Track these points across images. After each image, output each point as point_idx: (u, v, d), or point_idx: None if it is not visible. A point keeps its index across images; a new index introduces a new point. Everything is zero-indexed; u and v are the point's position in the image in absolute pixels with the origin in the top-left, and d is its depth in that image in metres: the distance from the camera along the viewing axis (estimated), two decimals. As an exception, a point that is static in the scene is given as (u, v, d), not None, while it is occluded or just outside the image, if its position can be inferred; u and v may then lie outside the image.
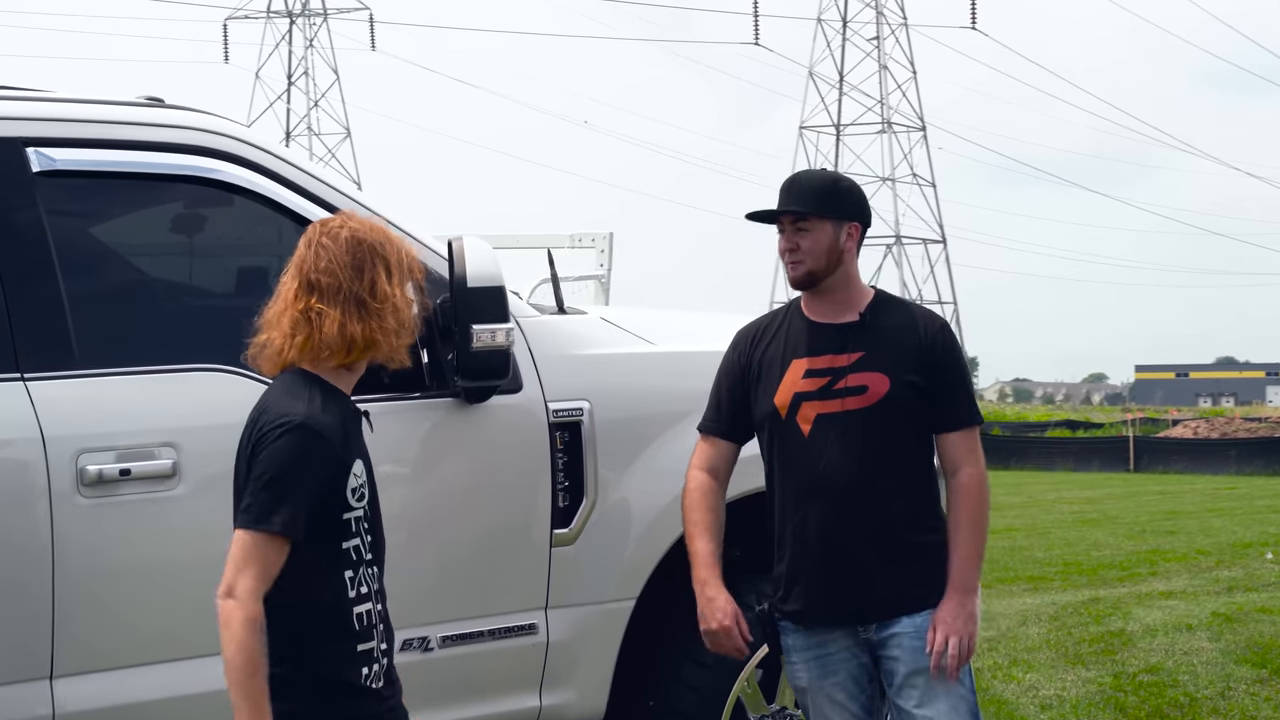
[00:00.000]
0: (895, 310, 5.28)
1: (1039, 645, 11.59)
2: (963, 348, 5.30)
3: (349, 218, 4.49)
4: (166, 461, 5.05)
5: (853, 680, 5.24)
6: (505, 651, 5.71)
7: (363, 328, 4.33)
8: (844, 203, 5.23)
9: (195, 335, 5.43)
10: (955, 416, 5.19)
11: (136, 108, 5.40)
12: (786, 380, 5.22)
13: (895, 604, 5.13)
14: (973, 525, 5.14)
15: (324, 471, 4.21)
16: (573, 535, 5.81)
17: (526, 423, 5.73)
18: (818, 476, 5.13)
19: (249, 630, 4.08)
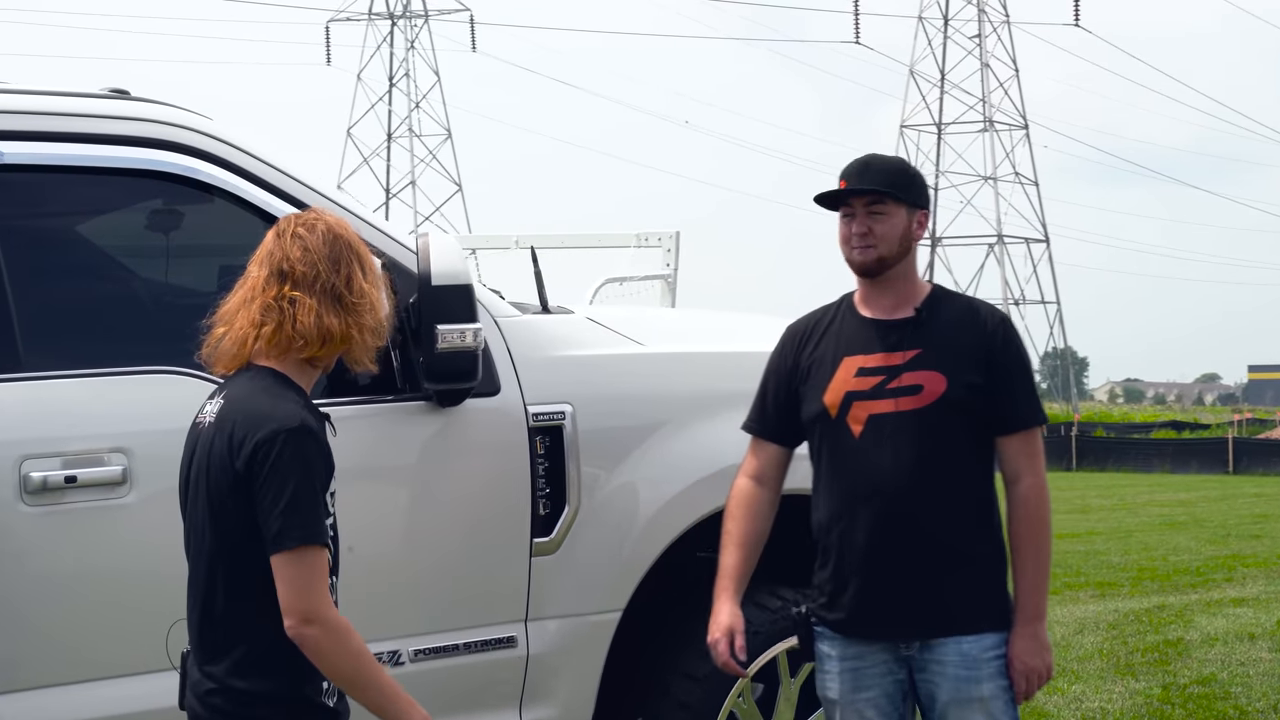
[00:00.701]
0: (953, 305, 5.04)
1: (1091, 655, 11.30)
2: (1067, 346, 4.98)
3: (322, 214, 4.34)
4: (116, 468, 4.85)
5: (886, 697, 5.00)
6: (482, 666, 5.48)
7: (339, 321, 4.17)
8: (917, 188, 5.02)
9: (150, 336, 5.24)
10: (1017, 417, 4.95)
11: (93, 99, 5.21)
12: (837, 378, 4.98)
13: (942, 623, 4.90)
14: (1036, 547, 4.91)
15: (325, 474, 4.06)
16: (554, 544, 5.57)
17: (504, 427, 5.50)
18: (868, 480, 4.89)
19: (350, 638, 4.00)
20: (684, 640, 5.94)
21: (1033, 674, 4.88)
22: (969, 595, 4.90)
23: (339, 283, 4.19)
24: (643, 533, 5.76)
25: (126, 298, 5.32)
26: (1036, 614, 4.90)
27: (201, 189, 5.20)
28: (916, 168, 5.15)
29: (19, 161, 4.99)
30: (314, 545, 3.98)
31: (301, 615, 3.96)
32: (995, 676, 4.89)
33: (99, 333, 5.14)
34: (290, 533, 3.96)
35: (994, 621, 4.91)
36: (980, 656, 4.88)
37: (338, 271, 4.20)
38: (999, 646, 4.90)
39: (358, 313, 4.20)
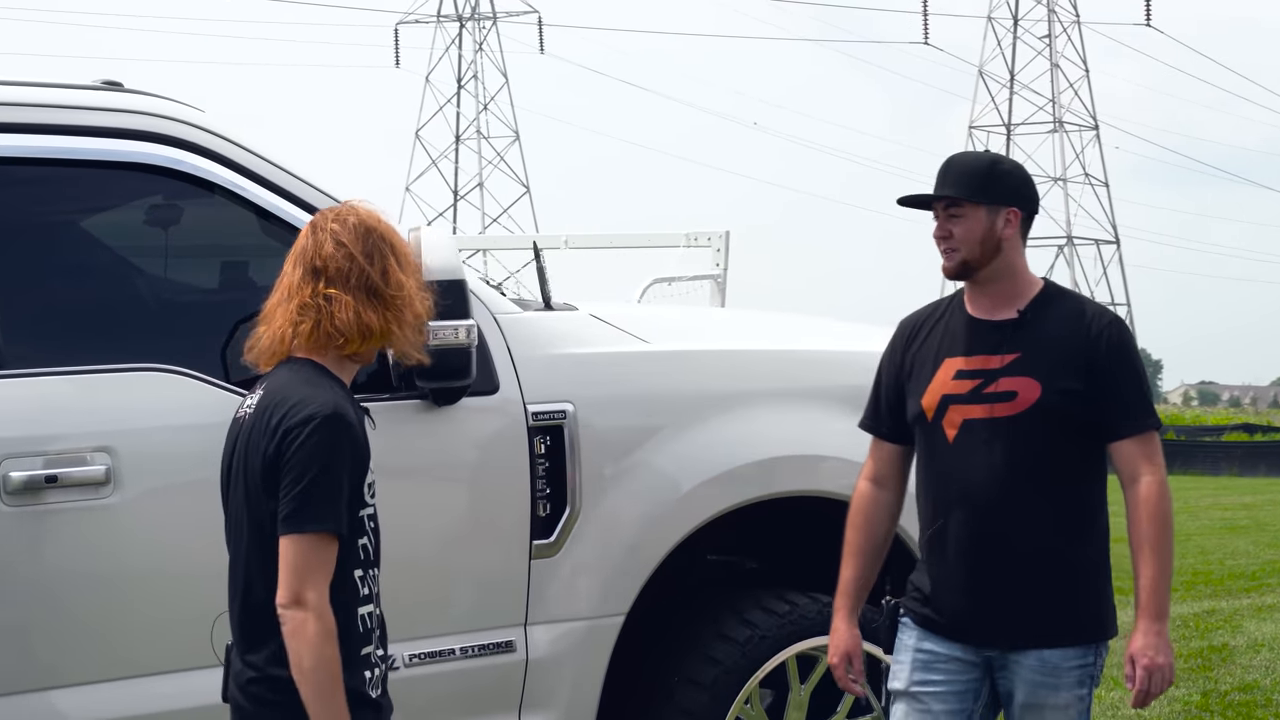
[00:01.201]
0: (1061, 306, 4.88)
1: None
2: (1139, 349, 4.85)
3: (355, 207, 4.29)
4: (99, 468, 4.75)
5: (955, 695, 4.89)
6: (480, 670, 5.36)
7: (378, 316, 4.14)
8: (1001, 186, 4.85)
9: (139, 333, 5.12)
10: (1127, 422, 4.78)
11: (82, 91, 5.12)
12: (937, 380, 4.88)
13: (1026, 635, 4.78)
14: (1157, 544, 4.73)
15: (356, 464, 4.05)
16: (554, 547, 5.45)
17: (502, 426, 5.38)
18: (958, 487, 4.79)
19: (327, 641, 3.94)
20: (689, 645, 5.84)
21: (1155, 670, 4.70)
22: (1057, 607, 4.78)
23: (374, 276, 4.16)
24: (647, 535, 5.64)
25: (114, 293, 5.20)
26: (1159, 612, 4.74)
27: (193, 183, 5.10)
28: (1013, 162, 4.95)
29: (6, 154, 4.90)
30: (322, 533, 3.96)
31: (293, 595, 3.93)
32: (1074, 686, 4.80)
33: (84, 329, 5.04)
34: (300, 515, 3.95)
35: (1082, 633, 4.82)
36: (1061, 665, 4.78)
37: (372, 264, 4.17)
38: (1083, 657, 4.81)
39: (396, 307, 4.18)
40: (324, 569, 3.97)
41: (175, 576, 4.90)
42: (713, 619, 5.86)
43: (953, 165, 4.89)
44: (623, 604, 5.60)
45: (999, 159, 4.95)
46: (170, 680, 4.91)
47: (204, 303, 5.45)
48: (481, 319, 5.34)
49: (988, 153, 5.03)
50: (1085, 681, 4.83)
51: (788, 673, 5.90)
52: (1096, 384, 4.76)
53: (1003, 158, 4.97)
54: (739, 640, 5.77)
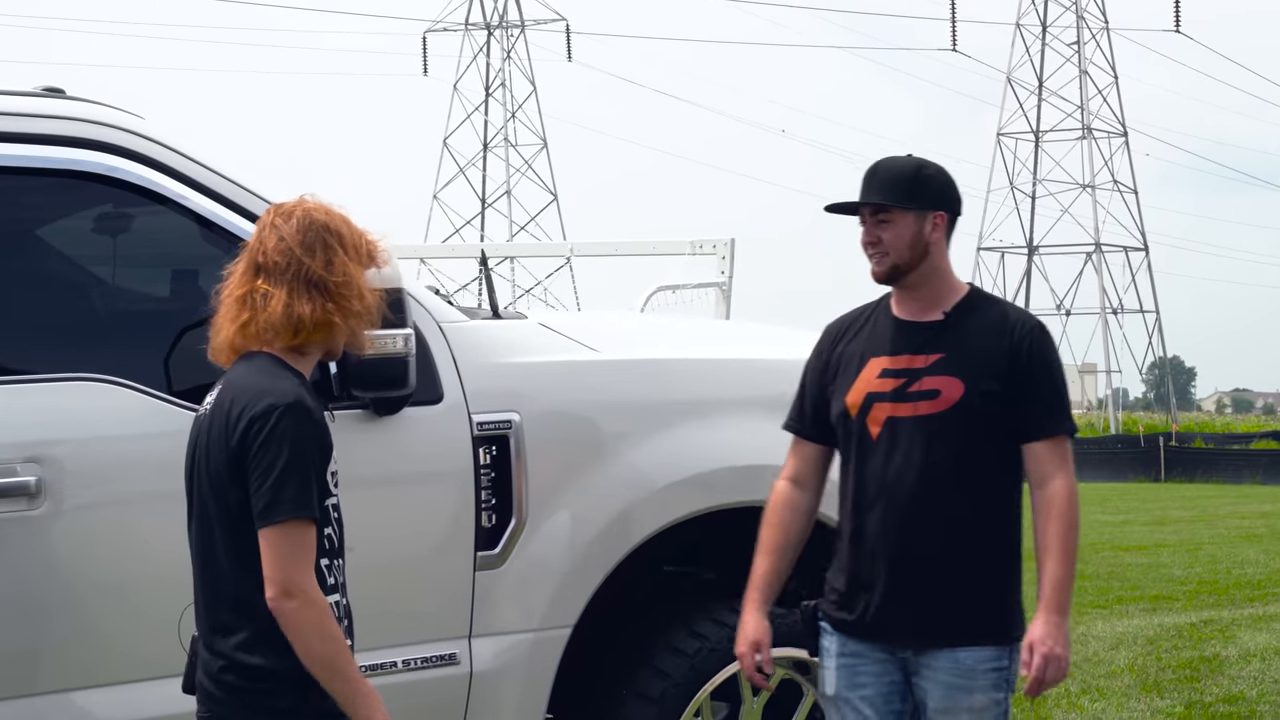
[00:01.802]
0: (985, 310, 4.94)
1: (1121, 671, 10.99)
2: (1164, 354, 4.86)
3: (305, 201, 4.31)
4: (28, 479, 4.70)
5: (882, 697, 4.92)
6: (423, 683, 5.30)
7: (312, 308, 4.15)
8: (927, 191, 4.90)
9: (72, 342, 5.06)
10: (1041, 425, 4.83)
11: (19, 98, 5.07)
12: (861, 379, 4.92)
13: (940, 634, 4.81)
14: (1063, 546, 4.77)
15: (321, 452, 4.10)
16: (499, 558, 5.38)
17: (446, 435, 5.32)
18: (879, 484, 4.83)
19: (327, 620, 4.03)
20: (638, 658, 5.78)
21: (1051, 660, 4.70)
22: (971, 607, 4.82)
23: (315, 268, 4.17)
24: (594, 547, 5.58)
25: (48, 302, 5.14)
26: (1061, 607, 4.76)
27: (131, 190, 5.05)
28: (937, 166, 4.98)
29: None
30: (300, 520, 4.00)
31: (281, 587, 3.97)
32: (989, 689, 4.80)
33: (16, 337, 4.98)
34: (277, 506, 3.98)
35: (996, 635, 4.83)
36: (976, 667, 4.79)
37: (313, 256, 4.18)
38: (997, 660, 4.80)
39: (341, 296, 4.18)
40: (307, 555, 4.02)
41: (107, 587, 4.85)
42: (662, 631, 5.80)
43: (879, 171, 4.93)
44: (569, 616, 5.54)
45: (924, 163, 4.97)
46: (102, 694, 4.86)
47: (140, 311, 5.40)
48: (426, 328, 5.30)
49: (911, 157, 5.02)
50: (1001, 685, 4.82)
51: (740, 686, 5.84)
52: (1016, 386, 4.80)
53: (927, 162, 4.99)
54: (688, 653, 5.72)
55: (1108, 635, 12.60)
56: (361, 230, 4.33)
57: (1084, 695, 10.14)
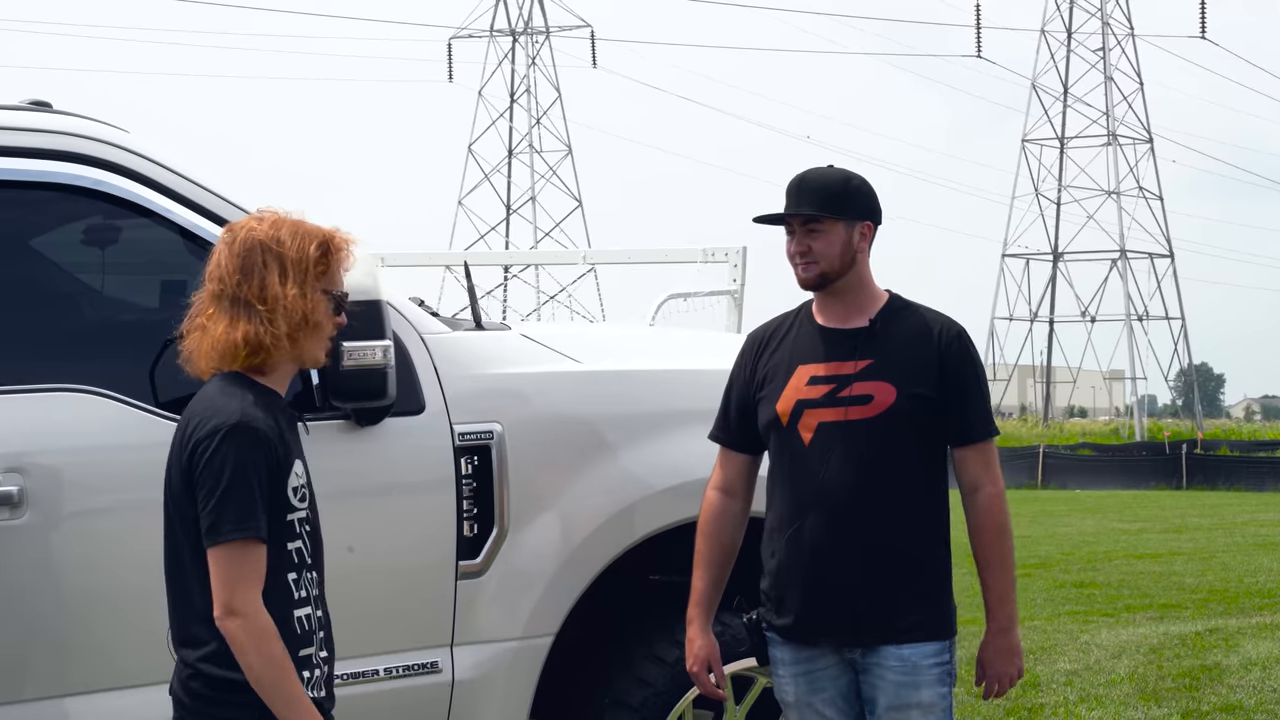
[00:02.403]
0: (909, 316, 5.06)
1: (1121, 680, 10.99)
2: (1190, 361, 5.01)
3: (259, 219, 4.34)
4: (11, 489, 4.74)
5: (842, 697, 5.06)
6: (404, 692, 5.34)
7: (247, 331, 4.20)
8: (856, 202, 5.03)
9: (53, 353, 5.09)
10: (970, 430, 4.99)
11: (4, 112, 5.13)
12: (790, 386, 5.02)
13: (882, 631, 4.93)
14: (1000, 556, 4.98)
15: (270, 470, 4.14)
16: (481, 567, 5.43)
17: (427, 446, 5.37)
18: (814, 488, 4.93)
19: (268, 639, 4.06)
20: (619, 666, 5.82)
21: (1003, 678, 5.01)
22: (910, 604, 4.94)
23: (249, 293, 4.22)
24: (576, 556, 5.62)
25: (32, 313, 5.18)
26: (1008, 622, 4.98)
27: (115, 203, 5.10)
28: (861, 178, 5.10)
29: None
30: (242, 540, 4.05)
31: (224, 606, 4.04)
32: (934, 684, 4.94)
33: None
34: (219, 527, 4.05)
35: (935, 630, 4.97)
36: (920, 663, 4.92)
37: (249, 281, 4.23)
38: (941, 654, 4.96)
39: (271, 320, 4.21)
40: (252, 574, 4.07)
41: (90, 595, 4.89)
42: (644, 640, 5.84)
43: (808, 182, 5.03)
44: (551, 625, 5.58)
45: (850, 175, 5.09)
46: (86, 701, 4.90)
47: (124, 323, 5.43)
48: (408, 339, 5.35)
49: (834, 168, 5.13)
50: (945, 680, 4.97)
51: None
52: (944, 391, 4.94)
53: (852, 173, 5.10)
54: (668, 661, 5.74)
55: (1111, 644, 12.62)
56: (317, 236, 4.34)
57: (1081, 704, 10.16)
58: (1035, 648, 12.46)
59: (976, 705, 10.10)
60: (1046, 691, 10.62)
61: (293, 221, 4.34)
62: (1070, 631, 13.38)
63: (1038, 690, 10.67)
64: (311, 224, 4.37)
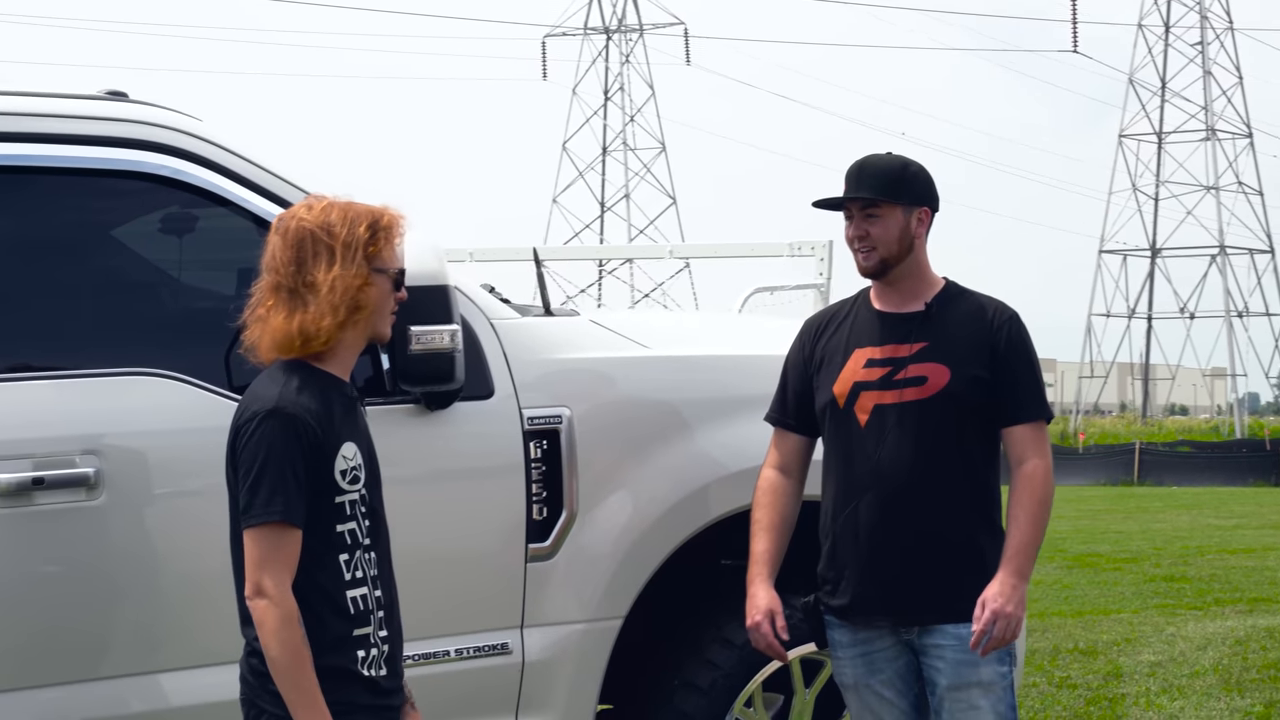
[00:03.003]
0: (963, 301, 5.15)
1: (1205, 671, 10.94)
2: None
3: (308, 206, 4.40)
4: (87, 470, 4.83)
5: (900, 678, 5.13)
6: (475, 672, 5.41)
7: (300, 321, 4.27)
8: (914, 187, 5.11)
9: (131, 338, 5.19)
10: (1021, 410, 5.05)
11: (76, 100, 5.21)
12: (847, 369, 5.13)
13: (937, 610, 5.00)
14: (1033, 513, 4.97)
15: (309, 453, 4.18)
16: (550, 550, 5.49)
17: (497, 430, 5.43)
18: (870, 469, 5.03)
19: (288, 625, 4.11)
20: (689, 648, 5.86)
21: (1001, 615, 4.87)
22: (966, 583, 4.97)
23: (301, 284, 4.28)
24: (644, 539, 5.67)
25: (109, 300, 5.28)
26: (1020, 570, 4.94)
27: (190, 191, 5.19)
28: (919, 164, 5.17)
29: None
30: (272, 523, 4.12)
31: (253, 586, 4.13)
32: (994, 662, 4.99)
33: (77, 335, 5.13)
34: (251, 509, 4.14)
35: None
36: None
37: (300, 272, 4.29)
38: None
39: (325, 308, 4.26)
40: (281, 558, 4.14)
41: (165, 576, 4.98)
42: (713, 623, 5.88)
43: (866, 168, 5.10)
44: (620, 607, 5.63)
45: (908, 161, 5.15)
46: (161, 679, 4.99)
47: (199, 309, 5.52)
48: (477, 324, 5.42)
49: (893, 155, 5.19)
50: (1005, 659, 5.00)
51: (792, 677, 5.91)
52: (997, 373, 5.00)
53: (910, 160, 5.17)
54: (737, 644, 5.78)
55: (1197, 636, 12.55)
56: (367, 217, 4.38)
57: (1164, 694, 10.12)
58: (1119, 639, 12.44)
59: (1057, 695, 10.11)
60: (1129, 682, 10.59)
61: (341, 204, 4.39)
62: (1156, 624, 13.32)
63: (1120, 681, 10.65)
64: (361, 204, 4.42)
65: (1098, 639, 12.39)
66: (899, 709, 5.13)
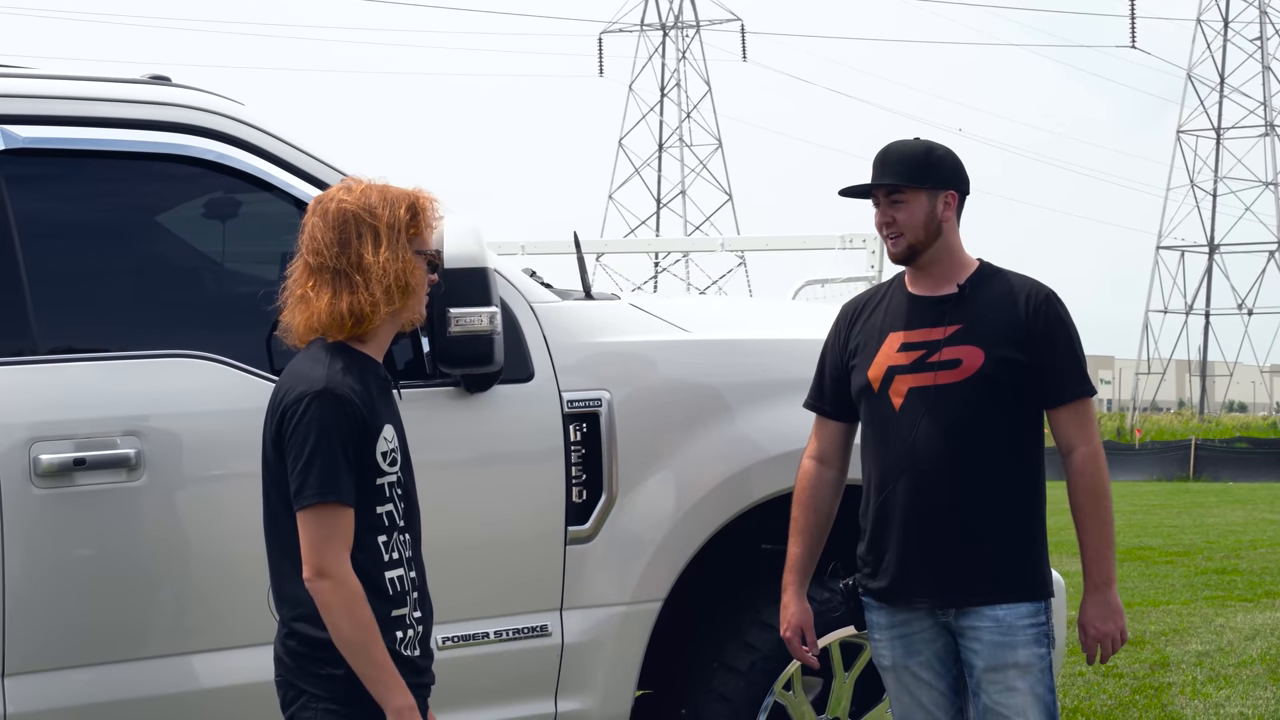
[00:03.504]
0: (998, 281, 5.12)
1: (1252, 661, 10.89)
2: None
3: (346, 188, 4.43)
4: (128, 451, 4.87)
5: (938, 659, 5.13)
6: (515, 654, 5.45)
7: (350, 301, 4.29)
8: (939, 171, 5.09)
9: (173, 321, 5.24)
10: (1062, 390, 5.02)
11: (119, 84, 5.26)
12: (882, 353, 5.11)
13: (975, 592, 4.99)
14: (1096, 514, 5.01)
15: (353, 435, 4.21)
16: (590, 532, 5.52)
17: (536, 413, 5.46)
18: (906, 452, 5.01)
19: (358, 603, 4.15)
20: (728, 632, 5.88)
21: (1105, 639, 5.00)
22: (1003, 565, 5.00)
23: (348, 265, 4.31)
24: (684, 522, 5.69)
25: (150, 282, 5.32)
26: (1105, 580, 5.01)
27: (231, 175, 5.23)
28: (945, 147, 5.17)
29: (37, 145, 5.05)
30: (329, 503, 4.15)
31: (315, 568, 4.15)
32: (1031, 644, 4.99)
33: (118, 316, 5.19)
34: (305, 490, 4.16)
35: (1029, 591, 5.01)
36: (1015, 624, 4.97)
37: (346, 253, 4.32)
38: (1036, 615, 5.00)
39: (371, 289, 4.29)
40: (340, 537, 4.17)
41: (203, 557, 5.02)
42: (753, 606, 5.89)
43: (890, 154, 5.10)
44: (659, 590, 5.65)
45: (933, 145, 5.15)
46: (198, 660, 5.04)
47: (239, 291, 5.56)
48: (517, 307, 5.44)
49: (919, 139, 5.19)
50: (1043, 640, 5.00)
51: (831, 660, 5.93)
52: (1034, 353, 4.97)
53: (936, 144, 5.16)
54: (775, 627, 5.79)
55: (1245, 627, 12.49)
56: (406, 199, 4.41)
57: (1210, 683, 10.07)
58: (1167, 630, 12.40)
59: (1103, 683, 10.09)
60: (1175, 671, 10.55)
61: (379, 187, 4.43)
62: (1205, 615, 13.25)
63: (1166, 670, 10.61)
64: (397, 187, 4.45)
65: (1146, 629, 12.34)
66: (937, 691, 5.13)
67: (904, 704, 5.20)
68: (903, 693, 5.18)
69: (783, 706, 5.86)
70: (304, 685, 4.26)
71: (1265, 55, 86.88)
